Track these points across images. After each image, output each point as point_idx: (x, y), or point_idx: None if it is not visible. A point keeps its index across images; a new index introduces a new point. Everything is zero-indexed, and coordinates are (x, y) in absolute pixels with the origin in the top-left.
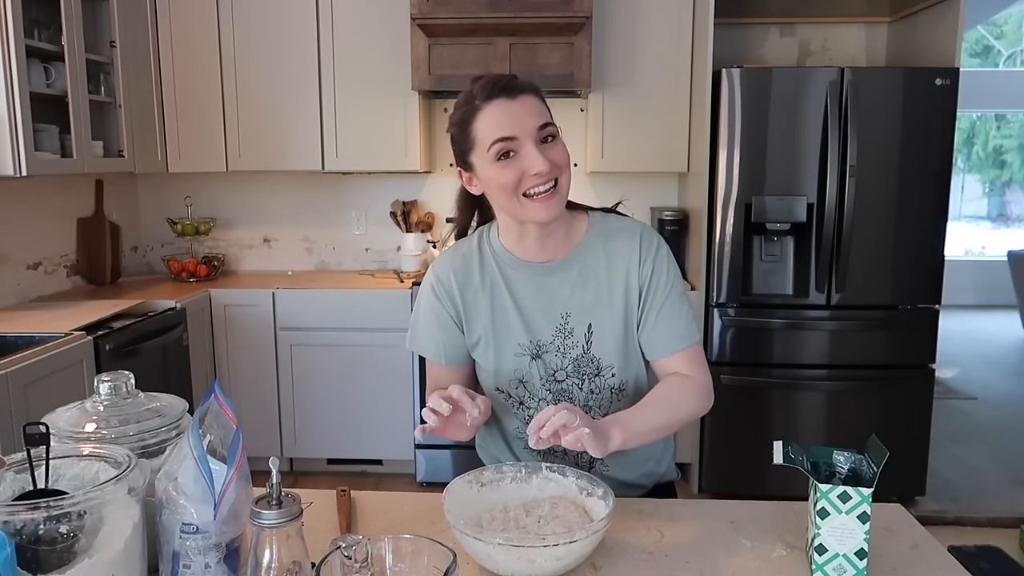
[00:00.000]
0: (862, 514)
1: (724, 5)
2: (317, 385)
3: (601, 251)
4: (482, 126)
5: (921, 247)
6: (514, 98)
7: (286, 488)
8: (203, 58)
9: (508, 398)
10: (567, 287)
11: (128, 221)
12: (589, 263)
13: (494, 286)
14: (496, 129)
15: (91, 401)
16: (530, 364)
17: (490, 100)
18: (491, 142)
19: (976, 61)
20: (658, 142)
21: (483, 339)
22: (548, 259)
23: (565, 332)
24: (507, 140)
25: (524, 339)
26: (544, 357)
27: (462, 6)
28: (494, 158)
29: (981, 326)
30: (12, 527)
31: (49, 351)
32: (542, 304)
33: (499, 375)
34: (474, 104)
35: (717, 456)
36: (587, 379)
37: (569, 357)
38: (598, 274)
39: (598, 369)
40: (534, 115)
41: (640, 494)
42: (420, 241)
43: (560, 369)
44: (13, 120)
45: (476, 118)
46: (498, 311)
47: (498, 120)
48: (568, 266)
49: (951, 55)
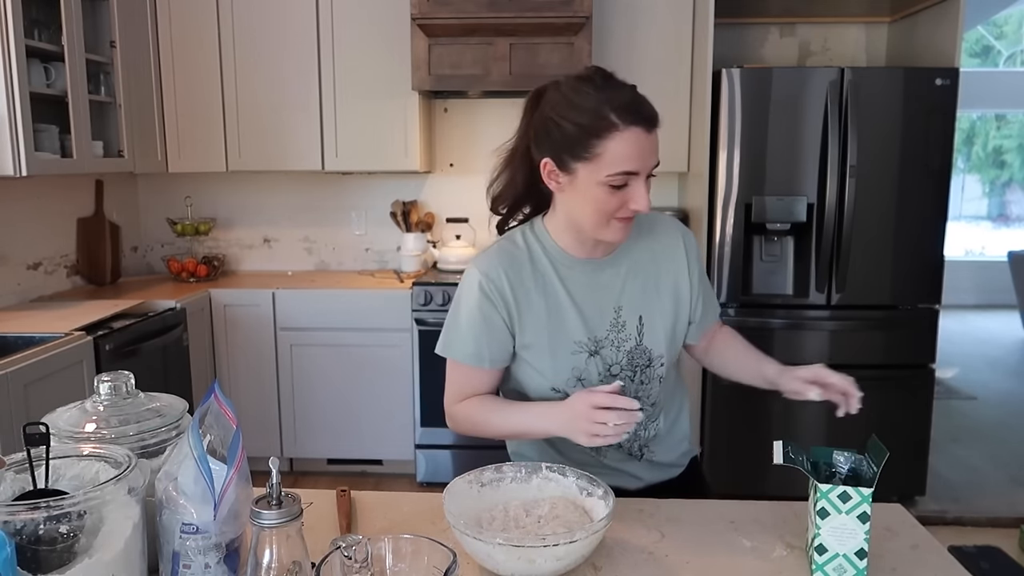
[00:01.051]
0: (862, 514)
1: (724, 5)
2: (317, 385)
3: (645, 245)
4: (613, 149)
5: (921, 247)
6: (650, 132)
7: (286, 488)
8: (203, 58)
9: (564, 398)
10: (619, 281)
11: (128, 221)
12: (636, 257)
13: (547, 285)
14: (626, 162)
15: (91, 401)
16: (587, 361)
17: (630, 126)
18: (617, 171)
19: (976, 61)
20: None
21: (538, 340)
22: (603, 256)
23: (619, 326)
24: (631, 175)
25: (582, 336)
26: (601, 352)
27: (462, 6)
28: (609, 182)
29: (981, 326)
30: (12, 527)
31: (49, 351)
32: (597, 300)
33: (557, 374)
34: (610, 120)
35: (717, 456)
36: (639, 370)
37: (623, 350)
38: (645, 267)
39: (649, 360)
40: (655, 153)
41: (679, 473)
42: (420, 241)
43: (615, 363)
44: (13, 120)
45: (609, 136)
46: (553, 310)
47: (631, 152)
48: (618, 261)
49: (951, 55)
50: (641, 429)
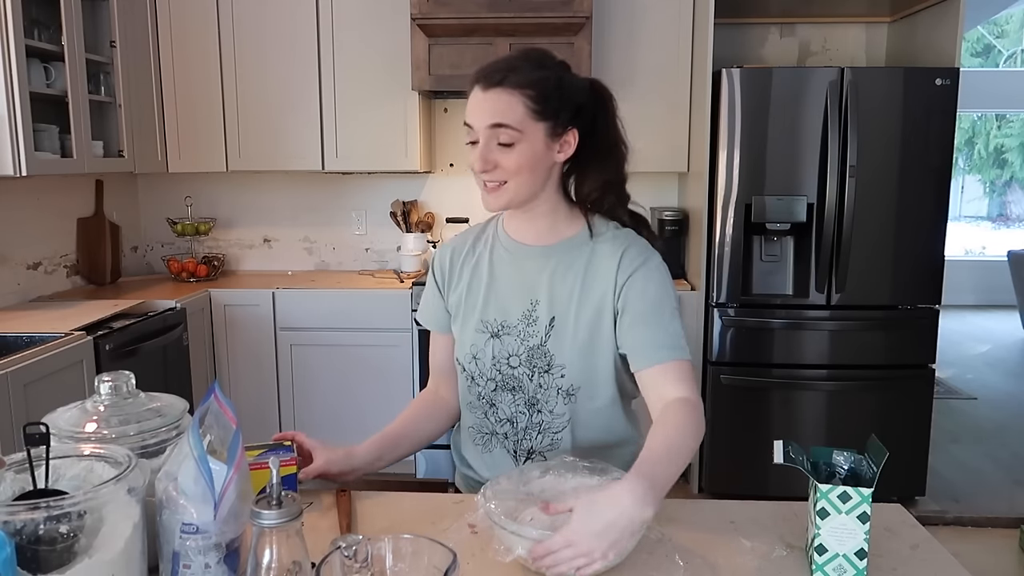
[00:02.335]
0: (862, 514)
1: (724, 5)
2: (317, 385)
3: (587, 251)
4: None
5: (921, 247)
6: (485, 90)
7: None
8: (203, 58)
9: (463, 371)
10: (544, 275)
11: (128, 221)
12: (570, 258)
13: (479, 261)
14: (467, 115)
15: (91, 401)
16: (487, 342)
17: (473, 85)
18: (464, 123)
19: (977, 61)
20: (658, 142)
21: (456, 311)
22: (533, 244)
23: (530, 319)
24: (470, 128)
25: (489, 316)
26: (503, 338)
27: (462, 6)
28: (465, 140)
29: (981, 326)
30: (12, 527)
31: (49, 351)
32: (515, 285)
33: (461, 347)
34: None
35: (717, 456)
36: (537, 372)
37: (526, 345)
38: (576, 272)
39: (549, 365)
40: (492, 113)
41: None
42: (420, 241)
43: (514, 354)
44: (13, 120)
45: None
46: (474, 286)
47: (470, 107)
48: (549, 254)
49: (951, 55)
50: (533, 432)
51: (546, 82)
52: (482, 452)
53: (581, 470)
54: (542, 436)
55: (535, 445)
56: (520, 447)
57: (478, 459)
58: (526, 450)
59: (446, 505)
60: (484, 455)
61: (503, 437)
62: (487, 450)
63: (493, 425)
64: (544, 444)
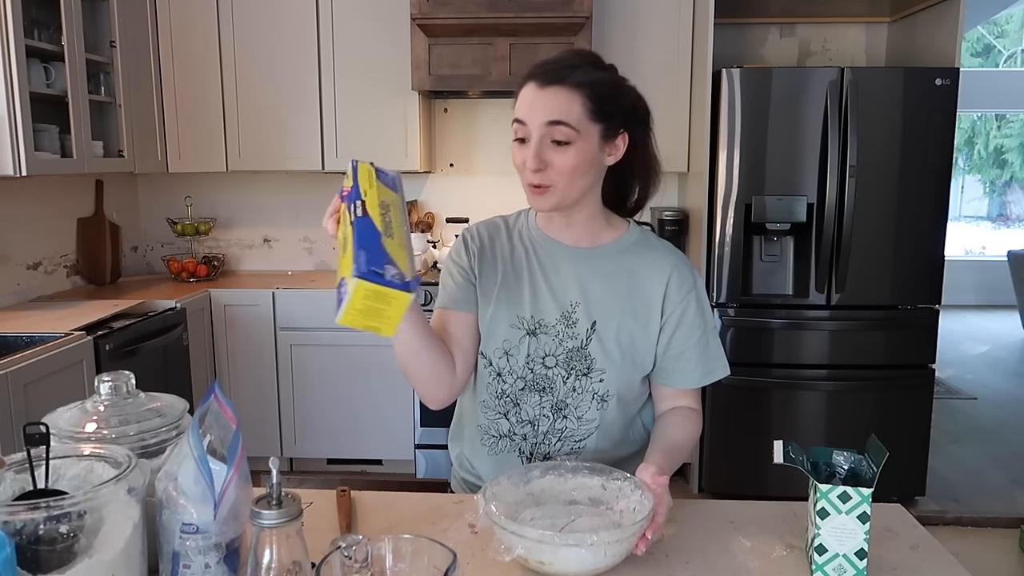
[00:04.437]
0: (862, 514)
1: (724, 5)
2: (317, 385)
3: (633, 258)
4: (517, 102)
5: (921, 247)
6: (541, 87)
7: (286, 488)
8: (203, 58)
9: (488, 365)
10: (584, 278)
11: (128, 221)
12: (613, 265)
13: (515, 253)
14: (518, 111)
15: (91, 401)
16: (522, 339)
17: (527, 81)
18: (513, 120)
19: (977, 60)
20: (658, 142)
21: (485, 299)
22: (572, 245)
23: (569, 320)
24: (521, 124)
25: (526, 313)
26: (539, 337)
27: (462, 6)
28: (514, 134)
29: (981, 326)
30: (12, 527)
31: (49, 351)
32: (558, 285)
33: (488, 341)
34: (521, 79)
35: (717, 456)
36: (574, 375)
37: (565, 347)
38: (622, 278)
39: (588, 369)
40: (548, 110)
41: None
42: (420, 241)
43: (551, 354)
44: (13, 120)
45: (519, 92)
46: (511, 277)
47: (521, 103)
48: (588, 257)
49: (951, 55)
50: (553, 438)
51: (603, 83)
52: (489, 453)
53: (582, 471)
54: (562, 443)
55: (552, 451)
56: (537, 451)
57: (483, 461)
58: (542, 455)
59: (446, 505)
60: (491, 457)
61: (520, 439)
62: (495, 452)
63: (512, 426)
64: (563, 451)
